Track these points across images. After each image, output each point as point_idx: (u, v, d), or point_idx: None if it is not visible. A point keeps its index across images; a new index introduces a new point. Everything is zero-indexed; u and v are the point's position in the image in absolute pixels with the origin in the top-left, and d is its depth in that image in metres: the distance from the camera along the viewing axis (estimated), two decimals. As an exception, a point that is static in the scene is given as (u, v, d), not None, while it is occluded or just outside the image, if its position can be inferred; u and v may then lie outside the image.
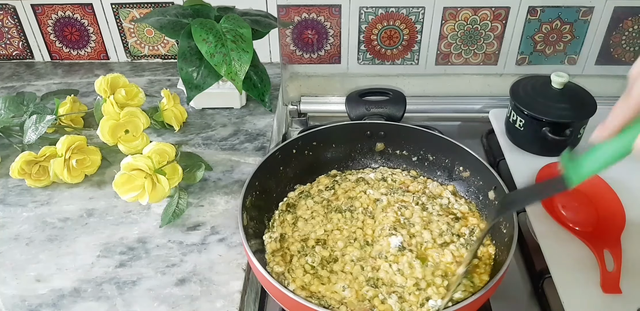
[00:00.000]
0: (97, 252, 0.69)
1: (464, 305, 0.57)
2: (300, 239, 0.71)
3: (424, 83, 1.10)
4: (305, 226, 0.73)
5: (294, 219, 0.75)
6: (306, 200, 0.77)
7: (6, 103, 0.86)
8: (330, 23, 1.02)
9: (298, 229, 0.73)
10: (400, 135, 0.82)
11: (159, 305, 0.62)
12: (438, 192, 0.79)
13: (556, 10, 1.00)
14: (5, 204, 0.77)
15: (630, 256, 0.70)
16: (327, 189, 0.79)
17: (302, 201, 0.77)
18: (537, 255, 0.74)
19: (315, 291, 0.65)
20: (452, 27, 1.02)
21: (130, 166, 0.69)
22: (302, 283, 0.66)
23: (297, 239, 0.71)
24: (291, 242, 0.71)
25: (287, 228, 0.73)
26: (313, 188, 0.80)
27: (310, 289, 0.65)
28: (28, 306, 0.62)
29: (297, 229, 0.73)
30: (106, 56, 1.11)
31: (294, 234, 0.72)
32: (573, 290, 0.67)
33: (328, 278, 0.66)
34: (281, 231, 0.72)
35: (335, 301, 0.63)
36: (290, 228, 0.73)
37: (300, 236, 0.72)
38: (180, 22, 0.83)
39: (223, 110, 0.96)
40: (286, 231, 0.73)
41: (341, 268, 0.67)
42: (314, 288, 0.65)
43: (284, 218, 0.75)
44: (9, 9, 1.04)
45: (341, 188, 0.79)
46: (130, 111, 0.81)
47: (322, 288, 0.65)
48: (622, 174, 0.81)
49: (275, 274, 0.67)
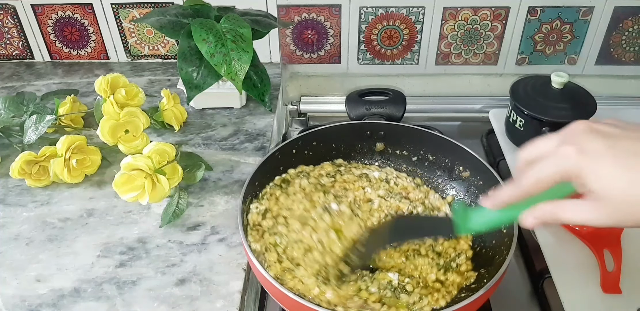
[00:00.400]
0: (97, 252, 0.69)
1: (464, 305, 0.57)
2: (276, 215, 0.71)
3: (424, 83, 1.10)
4: (285, 200, 0.72)
5: (281, 194, 0.74)
6: (301, 180, 0.76)
7: (6, 103, 0.86)
8: (330, 23, 1.02)
9: (278, 203, 0.72)
10: (400, 135, 0.82)
11: (159, 305, 0.62)
12: (437, 205, 0.78)
13: (556, 10, 1.00)
14: (5, 204, 0.77)
15: (630, 256, 0.70)
16: (328, 176, 0.79)
17: (297, 180, 0.76)
18: (537, 255, 0.74)
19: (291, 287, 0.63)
20: (452, 27, 1.02)
21: (130, 166, 0.69)
22: (276, 272, 0.65)
23: (273, 216, 0.71)
24: (268, 218, 0.71)
25: (272, 202, 0.73)
26: (315, 170, 0.80)
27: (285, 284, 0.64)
28: (28, 306, 0.62)
29: (277, 204, 0.72)
30: (106, 56, 1.11)
31: (273, 209, 0.72)
32: (573, 290, 0.67)
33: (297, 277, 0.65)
34: (267, 206, 0.72)
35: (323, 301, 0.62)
36: (274, 203, 0.73)
37: (276, 212, 0.71)
38: (180, 22, 0.83)
39: (223, 110, 0.96)
40: (271, 207, 0.72)
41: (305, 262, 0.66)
42: (290, 284, 0.64)
43: (273, 192, 0.74)
44: (9, 9, 1.04)
45: (342, 178, 0.79)
46: (130, 111, 0.81)
47: (299, 286, 0.63)
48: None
49: (255, 252, 0.65)
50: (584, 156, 0.42)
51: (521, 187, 0.47)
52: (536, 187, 0.46)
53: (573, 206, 0.44)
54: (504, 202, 0.49)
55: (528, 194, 0.47)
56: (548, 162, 0.45)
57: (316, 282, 0.63)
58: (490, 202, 0.50)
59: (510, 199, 0.49)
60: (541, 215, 0.46)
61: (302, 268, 0.65)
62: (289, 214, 0.71)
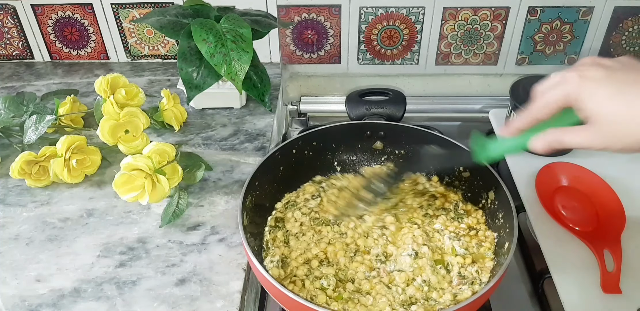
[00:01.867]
0: (97, 252, 0.69)
1: (464, 305, 0.57)
2: (303, 261, 0.69)
3: (424, 83, 1.10)
4: (298, 244, 0.71)
5: (284, 237, 0.72)
6: (293, 212, 0.75)
7: (6, 103, 0.86)
8: (330, 23, 1.02)
9: (292, 249, 0.70)
10: (400, 135, 0.82)
11: (159, 305, 0.62)
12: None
13: (556, 10, 1.00)
14: (5, 204, 0.77)
15: (630, 256, 0.70)
16: (314, 198, 0.78)
17: (289, 213, 0.75)
18: (537, 255, 0.74)
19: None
20: (452, 27, 1.02)
21: (130, 166, 0.69)
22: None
23: (300, 263, 0.69)
24: (295, 266, 0.68)
25: (283, 248, 0.71)
26: (299, 196, 0.79)
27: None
28: (28, 306, 0.62)
29: (292, 249, 0.70)
30: (106, 56, 1.11)
31: (292, 255, 0.70)
32: (573, 290, 0.67)
33: (358, 300, 0.64)
34: (280, 253, 0.70)
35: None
36: (286, 249, 0.71)
37: (302, 258, 0.69)
38: (180, 22, 0.83)
39: (223, 110, 0.96)
40: (284, 253, 0.70)
41: (358, 287, 0.66)
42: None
43: (275, 236, 0.73)
44: (9, 9, 1.04)
45: (327, 196, 0.77)
46: (130, 111, 0.81)
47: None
48: (622, 174, 0.81)
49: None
50: (584, 81, 0.49)
51: (532, 113, 0.53)
52: (544, 111, 0.52)
53: (573, 130, 0.50)
54: (518, 129, 0.55)
55: (538, 119, 0.53)
56: (555, 87, 0.51)
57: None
58: (505, 130, 0.56)
59: (523, 125, 0.54)
60: (547, 138, 0.52)
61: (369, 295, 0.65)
62: (311, 254, 0.70)
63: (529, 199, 0.79)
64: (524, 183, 0.82)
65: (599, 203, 0.78)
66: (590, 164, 0.83)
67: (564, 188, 0.81)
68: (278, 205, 0.78)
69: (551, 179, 0.82)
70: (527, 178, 0.83)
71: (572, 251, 0.72)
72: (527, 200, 0.79)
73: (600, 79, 0.48)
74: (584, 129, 0.49)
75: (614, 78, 0.48)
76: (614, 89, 0.47)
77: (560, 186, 0.82)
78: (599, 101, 0.47)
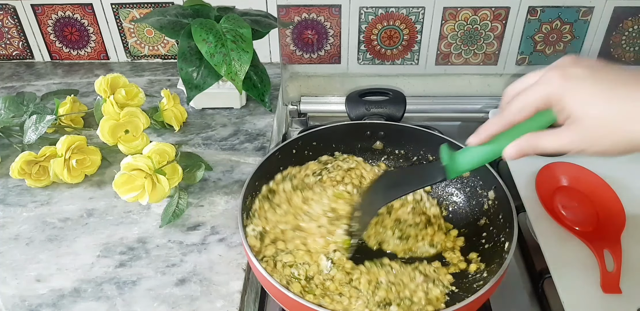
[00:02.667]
0: (97, 252, 0.69)
1: (464, 305, 0.57)
2: (270, 240, 0.69)
3: (424, 83, 1.10)
4: (273, 216, 0.71)
5: (269, 208, 0.72)
6: (285, 184, 0.75)
7: (6, 103, 0.86)
8: (330, 23, 1.02)
9: (269, 222, 0.71)
10: (400, 135, 0.82)
11: (159, 305, 0.62)
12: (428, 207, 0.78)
13: (556, 10, 1.00)
14: (5, 204, 0.77)
15: (630, 256, 0.70)
16: (314, 175, 0.78)
17: (281, 185, 0.75)
18: (537, 255, 0.74)
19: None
20: (452, 27, 1.02)
21: (130, 166, 0.69)
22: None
23: (269, 241, 0.69)
24: (266, 244, 0.69)
25: (263, 220, 0.71)
26: (300, 172, 0.78)
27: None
28: (28, 306, 0.62)
29: (268, 223, 0.71)
30: (106, 56, 1.11)
31: (267, 228, 0.70)
32: (573, 290, 0.67)
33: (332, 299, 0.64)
34: (261, 225, 0.70)
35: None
36: (265, 222, 0.71)
37: (273, 233, 0.70)
38: (180, 22, 0.83)
39: (223, 110, 0.96)
40: (264, 226, 0.70)
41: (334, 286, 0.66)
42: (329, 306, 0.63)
43: (262, 205, 0.72)
44: (9, 9, 1.04)
45: (330, 176, 0.77)
46: (130, 111, 0.81)
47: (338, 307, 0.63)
48: (622, 174, 0.81)
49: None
50: (567, 80, 0.46)
51: (506, 117, 0.50)
52: (521, 114, 0.49)
53: (550, 133, 0.48)
54: (489, 134, 0.52)
55: (512, 123, 0.50)
56: (532, 88, 0.48)
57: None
58: (476, 138, 0.53)
59: (496, 131, 0.51)
60: (521, 144, 0.49)
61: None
62: (282, 235, 0.70)
63: (529, 199, 0.79)
64: (524, 183, 0.82)
65: (599, 203, 0.78)
66: (590, 164, 0.83)
67: (564, 188, 0.81)
68: (277, 176, 0.77)
69: (551, 179, 0.82)
70: (527, 177, 0.83)
71: (572, 251, 0.72)
72: (527, 200, 0.79)
73: (585, 78, 0.46)
74: (565, 130, 0.47)
75: (598, 76, 0.46)
76: (599, 89, 0.45)
77: (560, 186, 0.82)
78: (584, 100, 0.45)
